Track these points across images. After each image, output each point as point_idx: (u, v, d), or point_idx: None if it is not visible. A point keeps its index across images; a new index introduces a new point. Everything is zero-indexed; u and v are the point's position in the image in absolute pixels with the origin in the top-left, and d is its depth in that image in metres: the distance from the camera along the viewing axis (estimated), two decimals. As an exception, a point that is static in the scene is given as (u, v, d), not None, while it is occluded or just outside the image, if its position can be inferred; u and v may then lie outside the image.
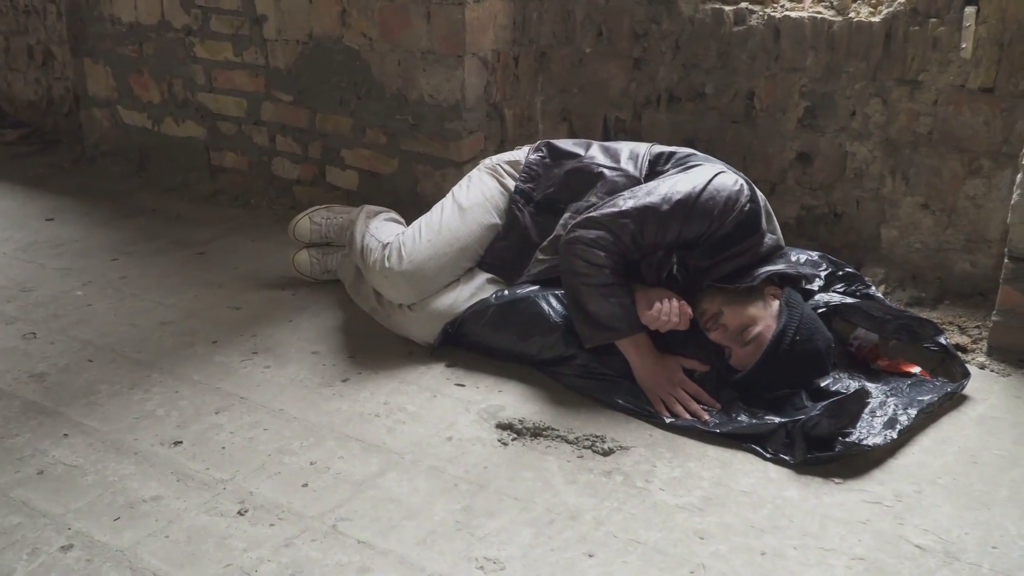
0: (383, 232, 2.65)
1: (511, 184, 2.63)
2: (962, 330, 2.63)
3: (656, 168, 2.46)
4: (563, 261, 2.33)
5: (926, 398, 2.22)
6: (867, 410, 2.15)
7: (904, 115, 2.80)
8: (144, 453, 2.06)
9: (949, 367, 2.37)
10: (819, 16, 2.87)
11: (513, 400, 2.29)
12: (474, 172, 2.71)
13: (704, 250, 2.30)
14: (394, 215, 2.87)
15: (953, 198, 2.79)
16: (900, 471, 2.03)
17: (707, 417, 2.19)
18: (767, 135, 3.03)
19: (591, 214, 2.31)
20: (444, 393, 2.32)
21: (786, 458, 2.05)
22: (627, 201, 2.30)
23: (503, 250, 2.58)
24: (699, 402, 2.24)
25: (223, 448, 2.08)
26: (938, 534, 1.83)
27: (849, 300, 2.44)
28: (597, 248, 2.27)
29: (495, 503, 1.90)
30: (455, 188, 2.68)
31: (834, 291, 2.55)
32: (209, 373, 2.40)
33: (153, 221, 3.54)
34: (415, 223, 2.61)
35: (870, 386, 2.26)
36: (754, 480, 1.99)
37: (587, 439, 2.12)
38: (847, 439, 2.04)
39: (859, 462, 2.04)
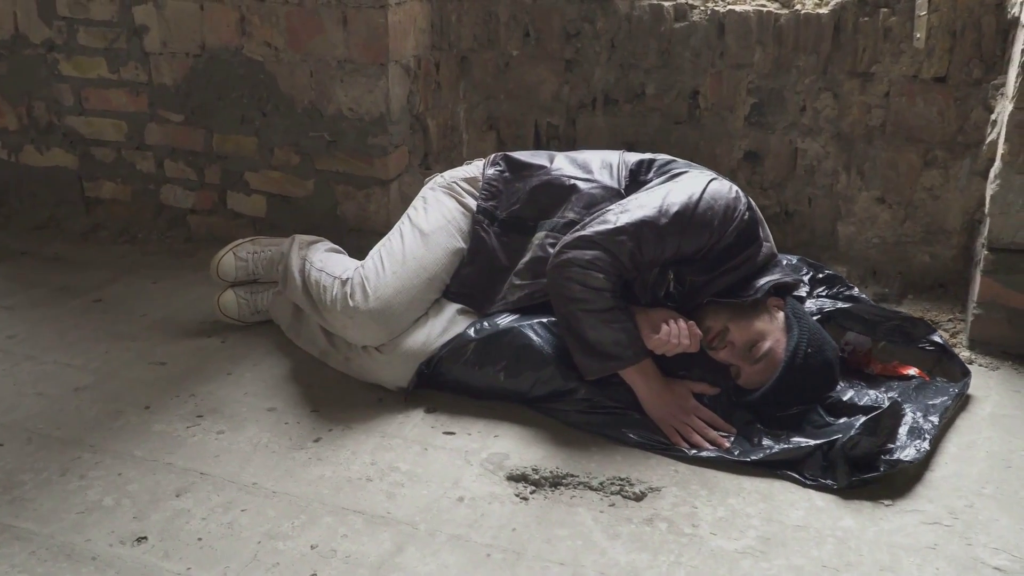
0: (333, 266, 2.35)
1: (472, 203, 2.39)
2: (935, 324, 2.58)
3: (638, 178, 2.27)
4: (555, 286, 2.11)
5: (938, 401, 2.13)
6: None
7: (856, 108, 2.73)
8: (104, 557, 1.70)
9: (947, 366, 2.30)
10: (764, 9, 2.76)
11: (514, 445, 2.06)
12: (428, 193, 2.44)
13: (703, 264, 2.14)
14: (331, 244, 2.57)
15: (910, 190, 2.74)
16: (943, 485, 1.92)
17: (728, 444, 2.03)
18: (714, 135, 2.90)
19: (583, 233, 2.10)
20: (435, 445, 2.06)
21: (828, 483, 1.90)
22: (619, 216, 2.10)
23: (470, 276, 2.34)
24: (715, 428, 2.07)
25: (199, 540, 1.75)
26: (1009, 552, 1.72)
27: (842, 305, 2.34)
28: (594, 270, 2.06)
29: (539, 572, 1.67)
30: (410, 212, 2.41)
31: (818, 295, 2.45)
32: (152, 446, 2.05)
33: (27, 266, 3.08)
34: (373, 254, 2.33)
35: (875, 393, 2.14)
36: (803, 512, 1.84)
37: (612, 483, 1.91)
38: (888, 457, 1.92)
39: (897, 479, 1.93)
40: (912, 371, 2.29)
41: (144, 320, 2.67)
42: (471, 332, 2.22)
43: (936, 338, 2.32)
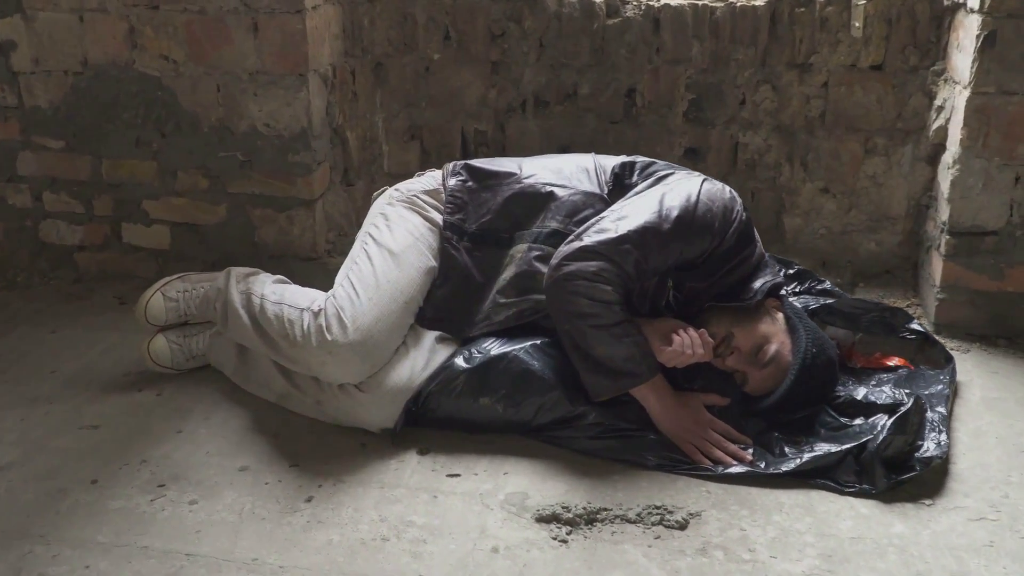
0: (294, 296, 2.10)
1: (438, 218, 2.20)
2: (894, 311, 2.59)
3: (623, 181, 2.15)
4: (559, 301, 1.95)
5: (936, 390, 2.11)
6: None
7: (796, 100, 2.71)
8: (102, 674, 1.43)
9: (929, 353, 2.28)
10: (700, 3, 2.69)
11: (530, 482, 1.89)
12: (387, 209, 2.23)
13: (703, 269, 2.03)
14: (274, 275, 2.31)
15: (853, 179, 2.74)
16: (970, 477, 1.89)
17: (749, 457, 1.93)
18: (652, 133, 2.82)
19: (583, 244, 1.95)
20: (443, 490, 1.86)
21: (866, 488, 1.84)
22: (618, 224, 1.97)
23: (445, 299, 2.15)
24: (732, 440, 1.97)
25: (212, 636, 1.50)
26: (1061, 540, 1.71)
27: (827, 301, 2.29)
28: (600, 282, 1.92)
29: (612, 624, 1.52)
30: (370, 231, 2.19)
31: (792, 291, 2.40)
32: (116, 528, 1.75)
33: None
34: (341, 281, 2.09)
35: (890, 390, 2.09)
36: (852, 522, 1.76)
37: (650, 513, 1.77)
38: (921, 455, 1.88)
39: (925, 476, 1.88)
40: (895, 361, 2.26)
41: (56, 378, 2.32)
42: (460, 362, 2.03)
43: (916, 326, 2.31)
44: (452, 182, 2.23)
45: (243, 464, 1.95)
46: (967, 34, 2.35)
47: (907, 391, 2.01)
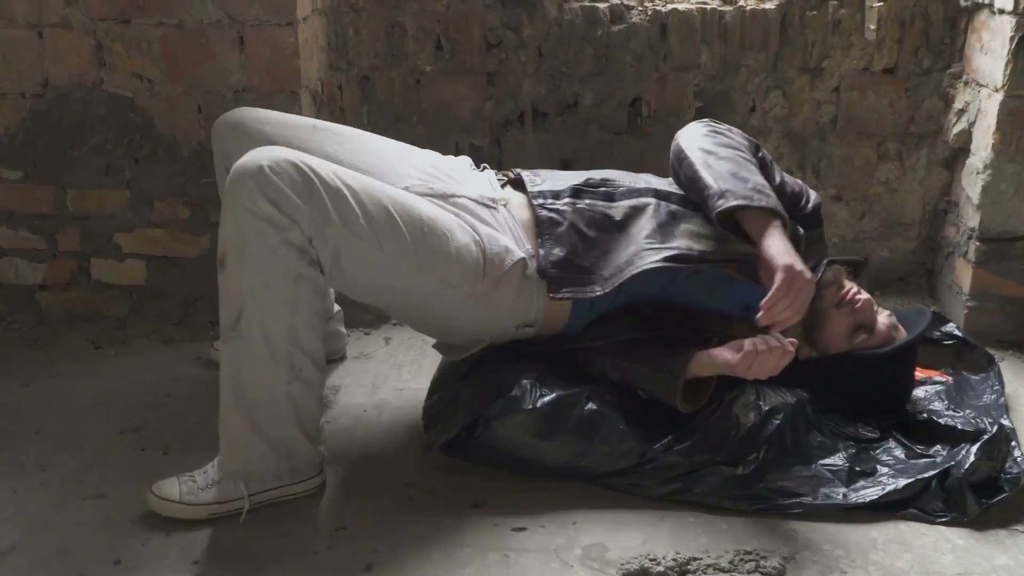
0: None
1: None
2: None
3: None
4: (702, 129, 2.00)
5: (991, 400, 2.04)
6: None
7: (807, 105, 2.63)
8: None
9: (970, 358, 2.22)
10: (708, 7, 2.59)
11: (603, 533, 1.74)
12: None
13: (800, 218, 2.05)
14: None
15: (866, 186, 2.68)
16: (1054, 497, 1.83)
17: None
18: (659, 144, 2.69)
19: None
20: (512, 548, 1.70)
21: (956, 515, 1.75)
22: None
23: (562, 260, 1.92)
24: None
25: None
26: None
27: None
28: (739, 136, 2.03)
29: None
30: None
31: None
32: (157, 618, 1.55)
33: None
34: None
35: (968, 415, 1.99)
36: (951, 556, 1.67)
37: (742, 560, 1.65)
38: (1009, 476, 1.80)
39: (1008, 498, 1.80)
40: (932, 375, 2.19)
41: (43, 439, 2.07)
42: (520, 396, 1.86)
43: (955, 331, 2.25)
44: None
45: (284, 530, 1.76)
46: (994, 36, 2.30)
47: (989, 420, 1.91)
